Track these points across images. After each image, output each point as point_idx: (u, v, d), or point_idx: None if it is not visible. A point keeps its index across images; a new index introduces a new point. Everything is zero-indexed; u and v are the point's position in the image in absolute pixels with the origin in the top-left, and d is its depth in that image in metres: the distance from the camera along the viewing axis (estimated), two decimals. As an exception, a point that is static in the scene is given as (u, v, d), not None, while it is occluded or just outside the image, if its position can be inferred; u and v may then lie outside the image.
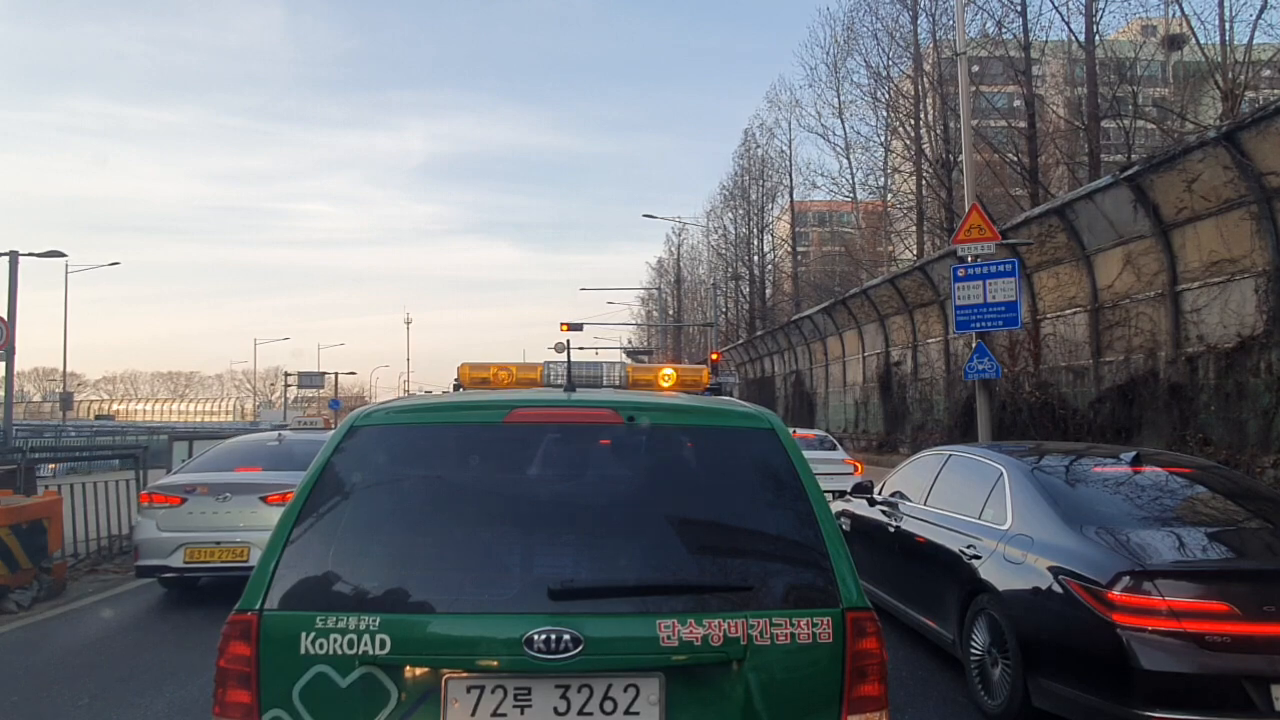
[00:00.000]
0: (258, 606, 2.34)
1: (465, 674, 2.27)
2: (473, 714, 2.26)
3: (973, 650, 5.12)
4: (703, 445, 2.72)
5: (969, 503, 5.67)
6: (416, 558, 2.48)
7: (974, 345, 13.48)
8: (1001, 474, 5.49)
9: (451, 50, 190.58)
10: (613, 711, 2.28)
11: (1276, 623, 3.91)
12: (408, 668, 2.28)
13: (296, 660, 2.28)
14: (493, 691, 2.27)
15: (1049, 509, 4.90)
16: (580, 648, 2.24)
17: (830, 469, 12.52)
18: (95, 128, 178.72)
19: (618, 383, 3.37)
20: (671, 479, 2.71)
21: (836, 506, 7.73)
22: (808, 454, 2.74)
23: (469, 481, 2.68)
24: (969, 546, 5.33)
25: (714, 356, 35.17)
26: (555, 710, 2.27)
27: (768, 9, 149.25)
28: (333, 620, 2.28)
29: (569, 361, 3.27)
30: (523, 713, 2.27)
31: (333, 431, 2.81)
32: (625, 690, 2.29)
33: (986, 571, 5.06)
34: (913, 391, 25.33)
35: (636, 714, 2.28)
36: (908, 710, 5.06)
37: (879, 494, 7.18)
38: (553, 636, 2.23)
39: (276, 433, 9.83)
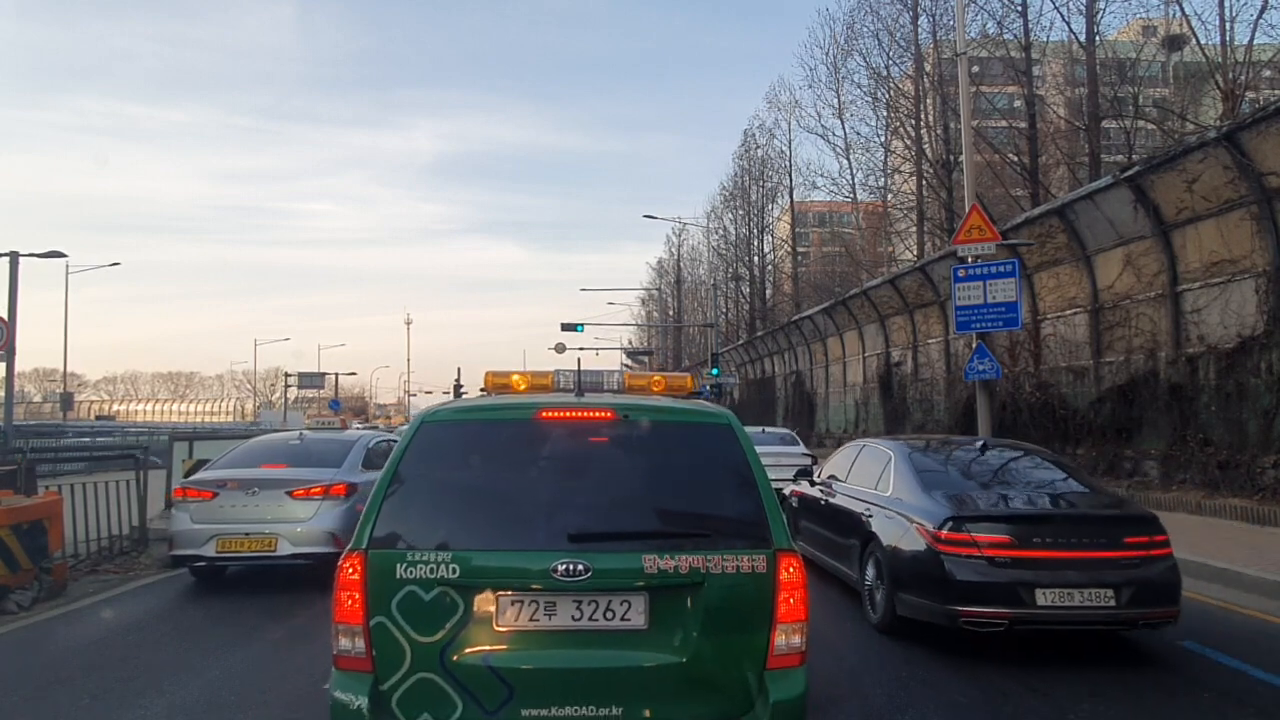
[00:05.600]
0: (364, 546, 3.29)
1: (510, 592, 3.27)
2: (516, 620, 3.26)
3: (866, 582, 7.09)
4: (678, 436, 3.70)
5: (870, 479, 7.67)
6: (474, 514, 3.49)
7: (974, 346, 13.50)
8: (890, 457, 7.50)
9: (458, 50, 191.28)
10: (613, 618, 3.28)
11: (1040, 549, 5.90)
12: (471, 588, 3.24)
13: (393, 583, 3.24)
14: (529, 604, 3.27)
15: (914, 480, 6.92)
16: (590, 574, 3.22)
17: (791, 461, 13.38)
18: (100, 126, 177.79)
19: (616, 387, 4.25)
20: (655, 460, 3.65)
21: (791, 488, 9.81)
22: (773, 448, 3.81)
23: (508, 461, 3.61)
24: (866, 510, 7.34)
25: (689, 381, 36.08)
26: (572, 617, 3.27)
27: (768, 9, 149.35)
28: (417, 555, 3.27)
29: (579, 370, 4.25)
30: (550, 618, 3.27)
31: (385, 429, 3.30)
32: (621, 604, 3.29)
33: (874, 526, 7.07)
34: (913, 392, 25.31)
35: (629, 620, 3.28)
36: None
37: (817, 477, 9.09)
38: (571, 566, 3.22)
39: (298, 432, 10.72)
